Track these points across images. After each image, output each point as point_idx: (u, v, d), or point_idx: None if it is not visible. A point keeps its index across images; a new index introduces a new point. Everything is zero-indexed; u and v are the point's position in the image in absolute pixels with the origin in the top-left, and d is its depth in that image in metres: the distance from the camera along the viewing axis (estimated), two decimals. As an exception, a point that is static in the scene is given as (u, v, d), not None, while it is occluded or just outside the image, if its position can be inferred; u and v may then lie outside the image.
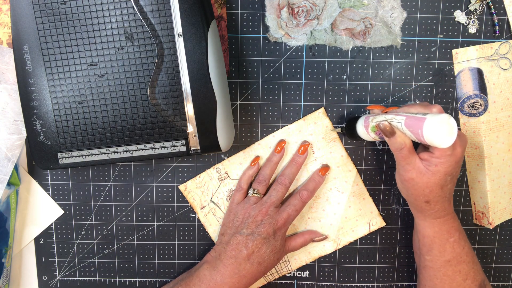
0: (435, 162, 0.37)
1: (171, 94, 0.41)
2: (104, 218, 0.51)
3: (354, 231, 0.51)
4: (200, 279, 0.43)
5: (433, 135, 0.34)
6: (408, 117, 0.36)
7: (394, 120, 0.37)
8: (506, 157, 0.49)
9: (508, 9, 0.46)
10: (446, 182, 0.38)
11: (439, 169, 0.37)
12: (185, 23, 0.39)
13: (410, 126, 0.36)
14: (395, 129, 0.38)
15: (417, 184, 0.39)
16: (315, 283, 0.52)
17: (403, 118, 0.36)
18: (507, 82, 0.48)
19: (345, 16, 0.46)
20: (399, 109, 0.40)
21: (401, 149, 0.38)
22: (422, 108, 0.38)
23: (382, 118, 0.39)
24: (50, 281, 0.52)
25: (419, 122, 0.35)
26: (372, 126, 0.40)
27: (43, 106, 0.41)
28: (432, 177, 0.38)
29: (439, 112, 0.37)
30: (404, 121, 0.36)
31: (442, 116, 0.34)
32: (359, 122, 0.43)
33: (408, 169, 0.39)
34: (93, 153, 0.42)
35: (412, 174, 0.39)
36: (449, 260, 0.42)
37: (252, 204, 0.46)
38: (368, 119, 0.41)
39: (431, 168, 0.38)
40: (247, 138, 0.49)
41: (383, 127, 0.38)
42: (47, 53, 0.40)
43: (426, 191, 0.39)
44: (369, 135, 0.42)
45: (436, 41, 0.47)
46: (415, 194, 0.40)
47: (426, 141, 0.35)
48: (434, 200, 0.39)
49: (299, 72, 0.48)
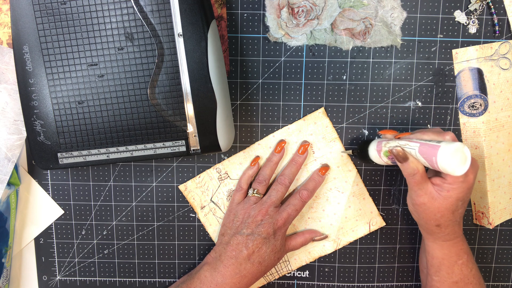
0: (447, 188, 0.38)
1: (171, 94, 0.41)
2: (104, 218, 0.51)
3: (354, 231, 0.51)
4: (201, 281, 0.43)
5: (448, 163, 0.35)
6: (422, 144, 0.37)
7: (407, 147, 0.38)
8: (506, 157, 0.49)
9: (508, 9, 0.46)
10: (458, 207, 0.39)
11: (451, 195, 0.38)
12: (185, 23, 0.39)
13: (424, 153, 0.36)
14: (408, 155, 0.38)
15: (428, 209, 0.39)
16: (315, 283, 0.52)
17: (417, 145, 0.37)
18: (507, 82, 0.48)
19: (345, 16, 0.46)
20: (412, 135, 0.40)
21: (413, 175, 0.38)
22: (435, 135, 0.38)
23: (396, 143, 0.39)
24: (50, 281, 0.52)
25: (433, 150, 0.35)
26: (385, 151, 0.41)
27: (43, 106, 0.41)
28: (443, 202, 0.38)
29: (452, 139, 0.38)
30: (418, 148, 0.37)
31: (456, 145, 0.35)
32: (371, 146, 0.43)
33: (420, 194, 0.39)
34: (93, 153, 0.42)
35: (424, 199, 0.39)
36: (456, 281, 0.42)
37: (252, 204, 0.46)
38: (381, 144, 0.42)
39: (443, 194, 0.38)
40: (247, 138, 0.49)
41: (396, 152, 0.38)
42: (47, 53, 0.40)
43: (437, 216, 0.40)
44: (381, 159, 0.42)
45: (436, 41, 0.47)
46: (426, 218, 0.41)
47: (440, 169, 0.36)
48: (445, 224, 0.40)
49: (299, 72, 0.48)
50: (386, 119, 0.49)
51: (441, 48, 0.47)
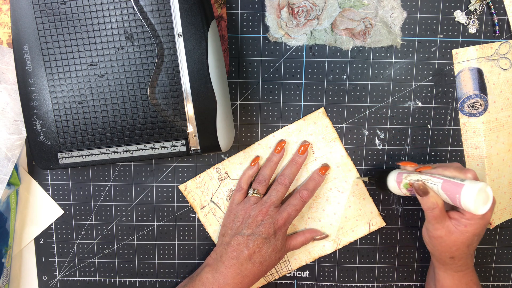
0: (465, 223, 0.38)
1: (171, 94, 0.41)
2: (104, 218, 0.51)
3: (354, 231, 0.51)
4: (203, 283, 0.43)
5: (471, 203, 0.35)
6: (445, 181, 0.37)
7: (430, 182, 0.39)
8: (506, 157, 0.49)
9: (508, 9, 0.46)
10: (473, 241, 0.40)
11: (468, 230, 0.39)
12: (185, 23, 0.39)
13: (447, 190, 0.37)
14: (428, 189, 0.39)
15: (444, 242, 0.40)
16: (315, 283, 0.52)
17: (440, 181, 0.38)
18: (507, 82, 0.48)
19: (345, 16, 0.46)
20: (434, 170, 0.40)
21: (433, 209, 0.39)
22: (457, 172, 0.39)
23: (418, 177, 0.40)
24: (50, 281, 0.52)
25: (457, 188, 0.36)
26: (406, 183, 0.41)
27: (43, 106, 0.41)
28: (460, 236, 0.39)
29: (473, 177, 0.38)
30: (441, 185, 0.38)
31: (480, 185, 0.35)
32: (390, 177, 0.44)
33: (438, 227, 0.40)
34: (93, 153, 0.42)
35: (441, 233, 0.40)
36: None
37: (252, 204, 0.46)
38: (401, 176, 0.42)
39: (460, 228, 0.39)
40: (247, 138, 0.49)
41: (418, 186, 0.39)
42: (47, 53, 0.40)
43: (452, 249, 0.40)
44: (400, 191, 0.43)
45: (436, 41, 0.47)
46: (441, 250, 0.41)
47: (462, 206, 0.36)
48: (459, 256, 0.41)
49: (299, 72, 0.48)
50: (386, 119, 0.49)
51: (441, 48, 0.47)
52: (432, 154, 0.49)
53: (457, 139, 0.49)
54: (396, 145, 0.49)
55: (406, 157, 0.49)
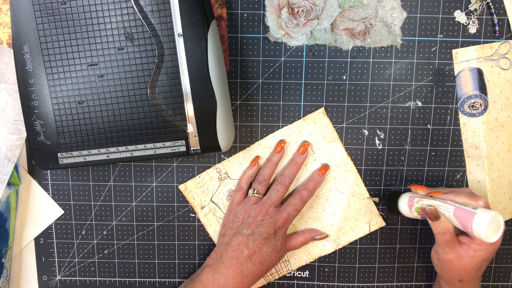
0: (475, 248, 0.39)
1: (171, 94, 0.41)
2: (104, 218, 0.51)
3: (354, 231, 0.51)
4: (203, 284, 0.43)
5: (483, 231, 0.36)
6: (457, 208, 0.38)
7: (442, 208, 0.40)
8: (506, 157, 0.49)
9: (508, 9, 0.46)
10: (482, 266, 0.41)
11: (478, 255, 0.39)
12: (185, 23, 0.39)
13: (459, 217, 0.38)
14: (440, 214, 0.39)
15: (454, 266, 0.41)
16: (315, 283, 0.52)
17: (452, 208, 0.39)
18: (507, 82, 0.48)
19: (345, 16, 0.46)
20: (445, 196, 0.41)
21: (443, 234, 0.40)
22: (468, 199, 0.40)
23: (429, 202, 0.40)
24: (50, 281, 0.52)
25: (469, 216, 0.37)
26: (417, 207, 0.42)
27: (43, 106, 0.41)
28: (469, 261, 0.40)
29: (484, 204, 0.39)
30: (453, 211, 0.38)
31: (492, 214, 0.36)
32: (402, 200, 0.44)
33: (448, 251, 0.41)
34: (93, 153, 0.42)
35: (451, 257, 0.40)
36: None
37: (252, 204, 0.46)
38: (413, 200, 0.43)
39: (470, 253, 0.39)
40: (247, 138, 0.49)
41: (429, 211, 0.40)
42: (47, 53, 0.40)
43: (461, 272, 0.41)
44: (411, 214, 0.43)
45: (436, 41, 0.47)
46: (450, 273, 0.42)
47: (473, 234, 0.38)
48: (467, 280, 0.41)
49: (299, 72, 0.48)
50: (386, 119, 0.49)
51: (441, 48, 0.47)
52: (432, 154, 0.49)
53: (457, 139, 0.49)
54: (396, 145, 0.49)
55: (406, 157, 0.49)
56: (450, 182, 0.50)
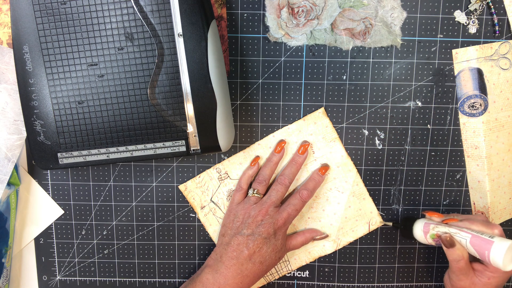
0: (488, 276, 0.40)
1: (171, 94, 0.41)
2: (104, 218, 0.51)
3: (354, 231, 0.51)
4: (203, 284, 0.43)
5: (500, 260, 0.37)
6: (474, 236, 0.39)
7: (458, 235, 0.40)
8: (506, 157, 0.49)
9: (508, 9, 0.46)
10: None
11: (491, 282, 0.40)
12: (185, 23, 0.39)
13: (476, 246, 0.39)
14: (455, 242, 0.40)
15: None
16: (315, 283, 0.52)
17: (469, 236, 0.39)
18: (507, 82, 0.48)
19: (345, 16, 0.46)
20: (460, 223, 0.42)
21: (458, 261, 0.40)
22: (483, 227, 0.40)
23: (446, 230, 0.41)
24: (50, 281, 0.52)
25: (486, 245, 0.38)
26: (433, 234, 0.43)
27: (43, 106, 0.41)
28: None
29: (500, 233, 0.40)
30: (470, 240, 0.39)
31: (509, 243, 0.37)
32: (417, 226, 0.45)
33: (462, 278, 0.41)
34: (93, 153, 0.42)
35: (465, 284, 0.41)
36: None
37: (252, 204, 0.46)
38: (428, 226, 0.43)
39: (483, 280, 0.40)
40: (247, 138, 0.49)
41: (445, 238, 0.40)
42: (47, 53, 0.40)
43: None
44: (426, 240, 0.44)
45: (436, 41, 0.47)
46: None
47: (490, 262, 0.38)
48: None
49: (299, 72, 0.48)
50: (386, 119, 0.49)
51: (441, 48, 0.47)
52: (432, 154, 0.49)
53: (457, 139, 0.49)
54: (396, 145, 0.49)
55: (406, 157, 0.49)
56: (450, 182, 0.50)
